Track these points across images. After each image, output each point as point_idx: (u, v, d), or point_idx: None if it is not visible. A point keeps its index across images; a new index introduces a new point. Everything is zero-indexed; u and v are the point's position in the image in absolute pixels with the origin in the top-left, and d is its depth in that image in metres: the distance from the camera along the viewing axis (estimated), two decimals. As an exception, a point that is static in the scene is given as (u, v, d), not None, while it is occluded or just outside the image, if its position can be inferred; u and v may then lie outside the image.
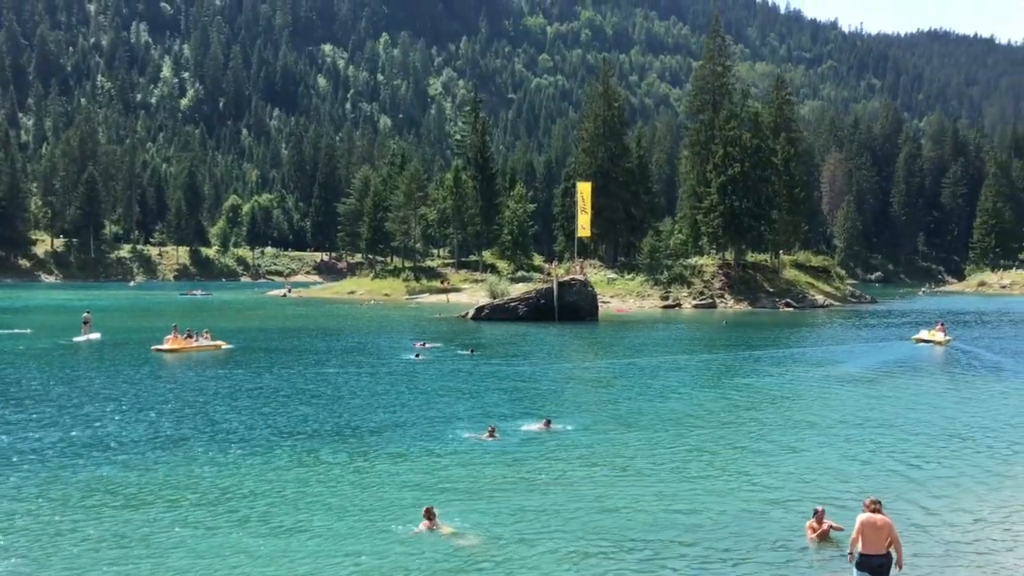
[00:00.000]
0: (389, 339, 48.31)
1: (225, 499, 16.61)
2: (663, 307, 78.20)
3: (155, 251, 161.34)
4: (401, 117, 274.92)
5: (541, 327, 56.48)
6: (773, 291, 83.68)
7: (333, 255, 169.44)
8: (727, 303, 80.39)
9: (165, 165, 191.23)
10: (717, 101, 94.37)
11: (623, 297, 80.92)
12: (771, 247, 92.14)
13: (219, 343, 42.40)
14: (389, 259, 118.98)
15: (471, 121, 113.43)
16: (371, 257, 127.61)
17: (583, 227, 71.60)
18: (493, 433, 21.88)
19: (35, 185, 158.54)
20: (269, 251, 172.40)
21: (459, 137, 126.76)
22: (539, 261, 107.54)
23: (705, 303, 79.44)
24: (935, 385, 33.14)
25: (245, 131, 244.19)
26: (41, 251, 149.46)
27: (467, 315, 64.17)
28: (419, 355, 39.56)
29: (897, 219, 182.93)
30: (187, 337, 41.63)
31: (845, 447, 21.71)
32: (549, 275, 66.67)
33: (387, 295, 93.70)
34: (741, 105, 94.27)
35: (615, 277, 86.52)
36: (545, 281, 65.97)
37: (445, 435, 22.38)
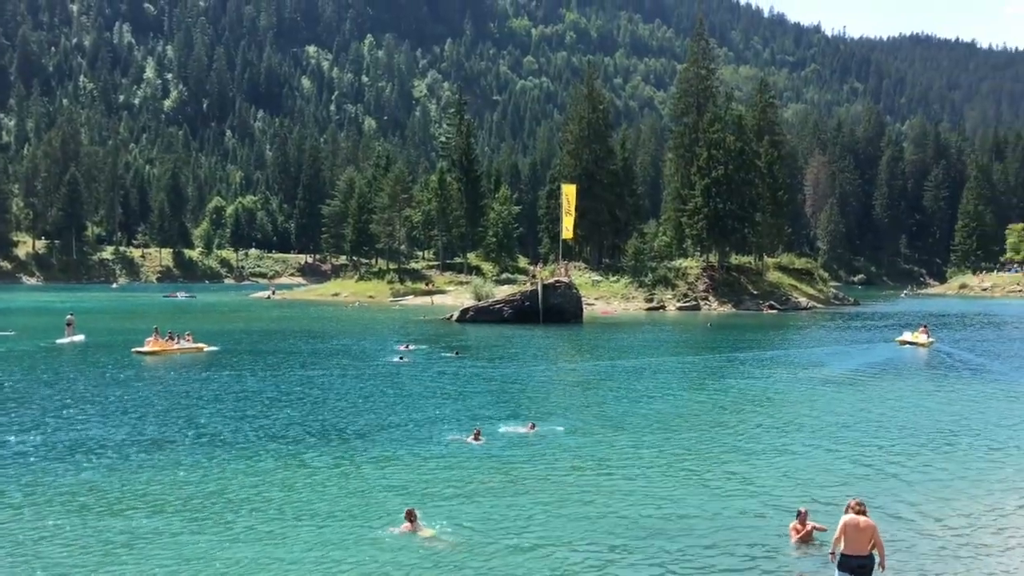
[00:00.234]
0: (374, 341, 48.20)
1: (209, 503, 16.53)
2: (647, 309, 78.39)
3: (138, 253, 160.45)
4: (386, 119, 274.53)
5: (526, 329, 56.50)
6: (757, 293, 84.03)
7: (317, 257, 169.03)
8: (711, 305, 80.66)
9: (148, 166, 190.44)
10: (701, 104, 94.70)
11: (608, 299, 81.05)
12: (755, 249, 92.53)
13: (200, 345, 42.16)
14: (374, 261, 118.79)
15: (456, 123, 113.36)
16: (356, 259, 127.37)
17: (568, 229, 71.60)
18: (478, 436, 21.86)
19: (16, 186, 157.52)
20: (253, 253, 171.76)
21: (444, 139, 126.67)
22: (524, 263, 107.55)
23: (689, 305, 79.67)
24: (919, 386, 33.35)
25: (229, 132, 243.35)
26: (22, 253, 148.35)
27: (452, 317, 64.10)
28: (402, 357, 39.48)
29: (880, 222, 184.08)
30: (169, 339, 41.39)
31: (830, 448, 21.82)
32: (534, 277, 66.65)
33: (372, 297, 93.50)
34: (725, 108, 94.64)
35: (600, 279, 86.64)
36: (530, 283, 65.94)
37: (430, 438, 22.35)
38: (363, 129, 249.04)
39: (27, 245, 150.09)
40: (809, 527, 14.71)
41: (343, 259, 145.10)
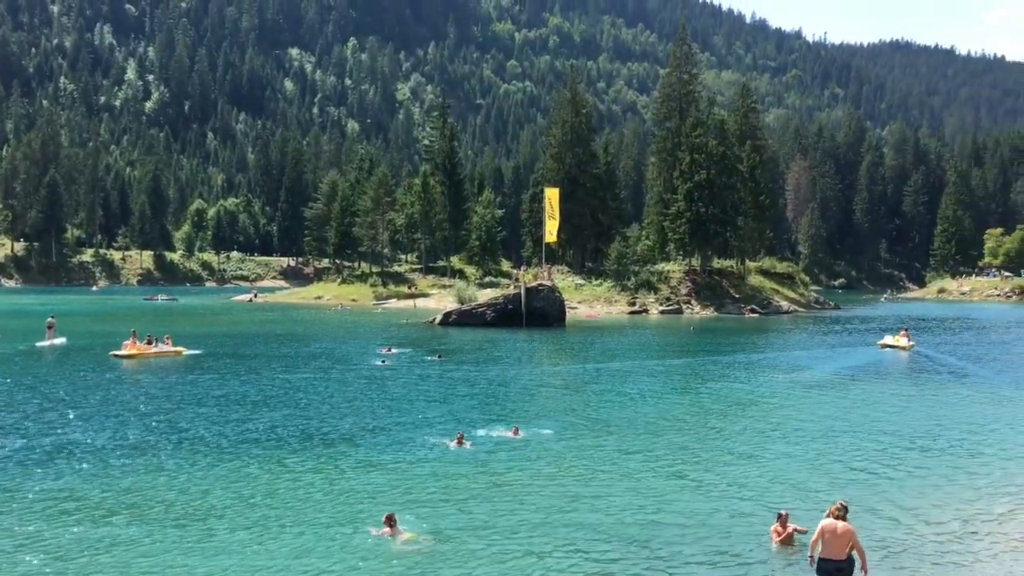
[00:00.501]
0: (356, 345, 48.08)
1: (192, 508, 16.43)
2: (630, 313, 78.59)
3: (118, 255, 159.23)
4: (369, 122, 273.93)
5: (509, 333, 56.52)
6: (739, 297, 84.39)
7: (300, 260, 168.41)
8: (693, 309, 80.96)
9: (129, 168, 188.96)
10: (684, 108, 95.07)
11: (590, 303, 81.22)
12: (737, 253, 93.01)
13: (179, 349, 41.81)
14: (356, 264, 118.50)
15: (439, 126, 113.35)
16: (338, 262, 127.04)
17: (551, 233, 71.72)
18: (462, 440, 21.82)
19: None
20: (235, 256, 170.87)
21: (427, 142, 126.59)
22: (507, 267, 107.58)
23: (672, 309, 79.94)
24: (901, 389, 33.60)
25: (211, 135, 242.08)
26: (1, 255, 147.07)
27: (435, 321, 64.02)
28: (384, 360, 39.39)
29: (860, 226, 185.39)
30: (147, 343, 41.07)
31: (812, 451, 21.94)
32: (517, 281, 66.64)
33: (354, 300, 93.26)
34: (707, 113, 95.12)
35: (583, 283, 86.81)
36: (513, 287, 65.95)
37: (414, 442, 22.31)
38: (346, 132, 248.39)
39: (6, 247, 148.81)
40: (790, 529, 14.79)
41: (326, 262, 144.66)
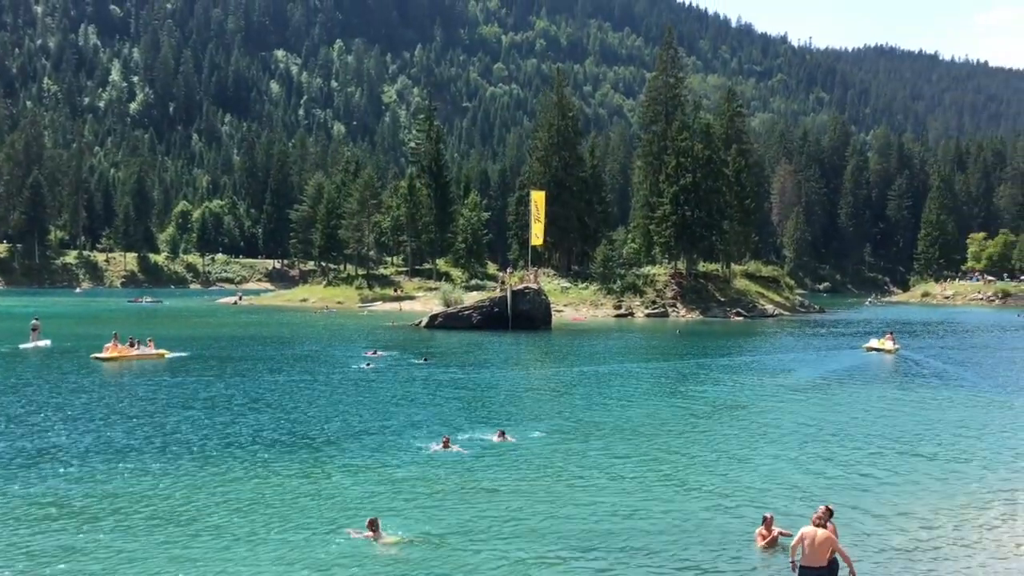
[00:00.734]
0: (342, 348, 47.97)
1: (178, 512, 16.37)
2: (616, 316, 78.74)
3: (102, 257, 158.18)
4: (355, 124, 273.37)
5: (495, 335, 56.53)
6: (724, 300, 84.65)
7: (285, 262, 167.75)
8: (679, 312, 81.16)
9: (113, 170, 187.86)
10: (670, 112, 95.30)
11: (576, 306, 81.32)
12: (722, 257, 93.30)
13: (162, 352, 41.53)
14: (342, 267, 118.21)
15: (425, 129, 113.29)
16: (324, 265, 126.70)
17: (537, 236, 71.78)
18: (448, 443, 21.81)
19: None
20: (220, 258, 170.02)
21: (413, 145, 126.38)
22: (493, 269, 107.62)
23: (657, 312, 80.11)
24: (886, 392, 33.81)
25: (196, 136, 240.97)
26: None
27: (421, 323, 63.96)
28: (369, 364, 39.29)
29: (844, 230, 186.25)
30: (129, 345, 40.81)
31: (798, 454, 22.04)
32: (503, 283, 66.65)
33: (340, 303, 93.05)
34: (693, 116, 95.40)
35: (568, 286, 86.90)
36: (499, 290, 65.97)
37: (399, 445, 22.29)
38: (332, 134, 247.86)
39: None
40: (775, 532, 14.85)
41: (311, 264, 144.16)
